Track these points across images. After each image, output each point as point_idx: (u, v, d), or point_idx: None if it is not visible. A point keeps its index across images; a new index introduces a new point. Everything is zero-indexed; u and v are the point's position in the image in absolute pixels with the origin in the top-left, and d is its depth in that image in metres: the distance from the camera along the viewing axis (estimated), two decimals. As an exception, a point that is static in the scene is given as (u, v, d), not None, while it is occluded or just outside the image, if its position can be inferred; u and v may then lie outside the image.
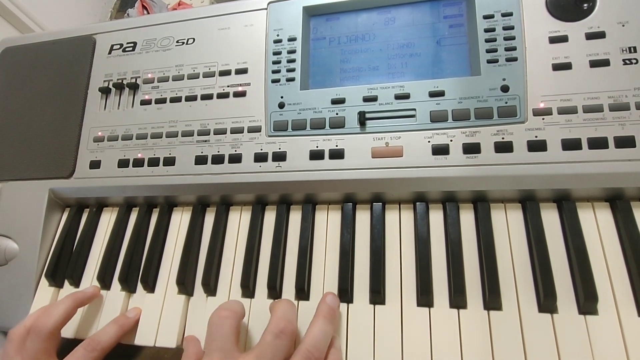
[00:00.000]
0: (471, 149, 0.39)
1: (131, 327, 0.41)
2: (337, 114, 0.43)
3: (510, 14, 0.41)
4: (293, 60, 0.46)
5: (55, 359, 0.39)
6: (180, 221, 0.47)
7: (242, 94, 0.47)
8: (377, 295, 0.37)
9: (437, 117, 0.40)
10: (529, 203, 0.38)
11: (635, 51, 0.38)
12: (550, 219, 0.38)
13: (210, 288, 0.41)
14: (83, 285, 0.46)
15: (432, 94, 0.41)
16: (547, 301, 0.34)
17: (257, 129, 0.45)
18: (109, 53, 0.53)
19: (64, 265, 0.47)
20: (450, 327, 0.35)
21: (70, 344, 0.39)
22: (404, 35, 0.45)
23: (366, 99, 0.43)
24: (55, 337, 0.39)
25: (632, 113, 0.36)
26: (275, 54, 0.47)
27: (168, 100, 0.49)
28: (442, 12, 0.44)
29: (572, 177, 0.36)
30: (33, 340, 0.38)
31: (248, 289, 0.40)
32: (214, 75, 0.48)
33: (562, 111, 0.38)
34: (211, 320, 0.35)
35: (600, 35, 0.39)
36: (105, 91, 0.52)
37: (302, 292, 0.39)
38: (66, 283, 0.46)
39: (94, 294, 0.43)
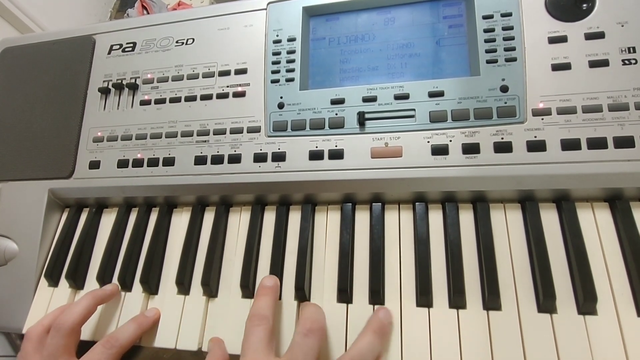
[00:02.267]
0: (470, 149, 0.39)
1: (150, 326, 0.40)
2: (336, 114, 0.43)
3: (510, 14, 0.41)
4: (292, 61, 0.46)
5: (75, 357, 0.38)
6: (180, 221, 0.47)
7: (241, 94, 0.47)
8: (377, 295, 0.37)
9: (437, 118, 0.40)
10: (528, 203, 0.38)
11: (634, 51, 0.38)
12: (550, 219, 0.38)
13: (210, 288, 0.41)
14: (83, 285, 0.46)
15: (432, 94, 0.41)
16: (546, 301, 0.34)
17: (256, 129, 0.45)
18: (109, 53, 0.53)
19: (64, 266, 0.47)
20: (450, 328, 0.35)
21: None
22: (403, 35, 0.45)
23: (366, 99, 0.43)
24: (76, 334, 0.39)
25: (632, 113, 0.36)
26: (274, 54, 0.47)
27: (167, 100, 0.49)
28: (442, 13, 0.44)
29: (572, 177, 0.36)
30: (53, 336, 0.37)
31: (248, 289, 0.40)
32: (213, 76, 0.48)
33: (562, 111, 0.38)
34: (245, 329, 0.35)
35: (600, 35, 0.39)
36: (104, 91, 0.52)
37: (302, 292, 0.39)
38: (65, 283, 0.46)
39: (114, 291, 0.43)
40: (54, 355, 0.36)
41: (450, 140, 0.39)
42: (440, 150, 0.39)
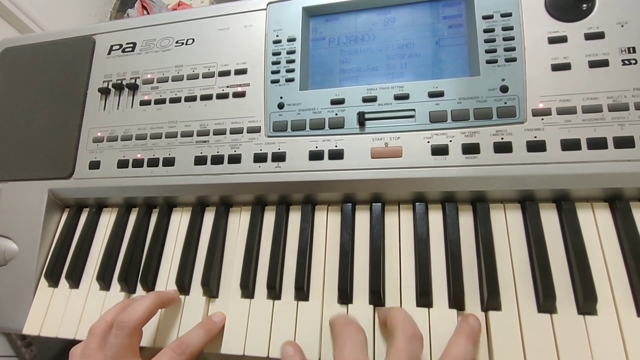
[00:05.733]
0: (470, 149, 0.39)
1: (217, 332, 0.39)
2: (336, 114, 0.43)
3: (510, 15, 0.41)
4: (292, 61, 0.46)
5: (139, 357, 0.36)
6: (179, 221, 0.47)
7: (241, 95, 0.47)
8: (377, 295, 0.37)
9: (437, 118, 0.40)
10: (528, 203, 0.38)
11: (634, 51, 0.38)
12: (550, 219, 0.38)
13: (210, 288, 0.41)
14: (83, 286, 0.46)
15: (432, 95, 0.41)
16: (546, 301, 0.34)
17: (256, 130, 0.45)
18: (109, 53, 0.53)
19: (64, 266, 0.47)
20: (450, 328, 0.35)
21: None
22: (403, 35, 0.45)
23: (365, 100, 0.43)
24: (139, 334, 0.37)
25: (631, 113, 0.36)
26: (274, 54, 0.47)
27: (167, 100, 0.49)
28: (442, 13, 0.44)
29: (572, 177, 0.36)
30: (117, 335, 0.35)
31: (247, 289, 0.40)
32: (213, 76, 0.48)
33: (562, 111, 0.38)
34: (339, 329, 0.34)
35: (600, 35, 0.39)
36: (104, 92, 0.52)
37: (302, 292, 0.39)
38: (65, 283, 0.46)
39: (175, 297, 0.42)
40: (119, 355, 0.34)
41: (450, 141, 0.39)
42: (440, 151, 0.39)
